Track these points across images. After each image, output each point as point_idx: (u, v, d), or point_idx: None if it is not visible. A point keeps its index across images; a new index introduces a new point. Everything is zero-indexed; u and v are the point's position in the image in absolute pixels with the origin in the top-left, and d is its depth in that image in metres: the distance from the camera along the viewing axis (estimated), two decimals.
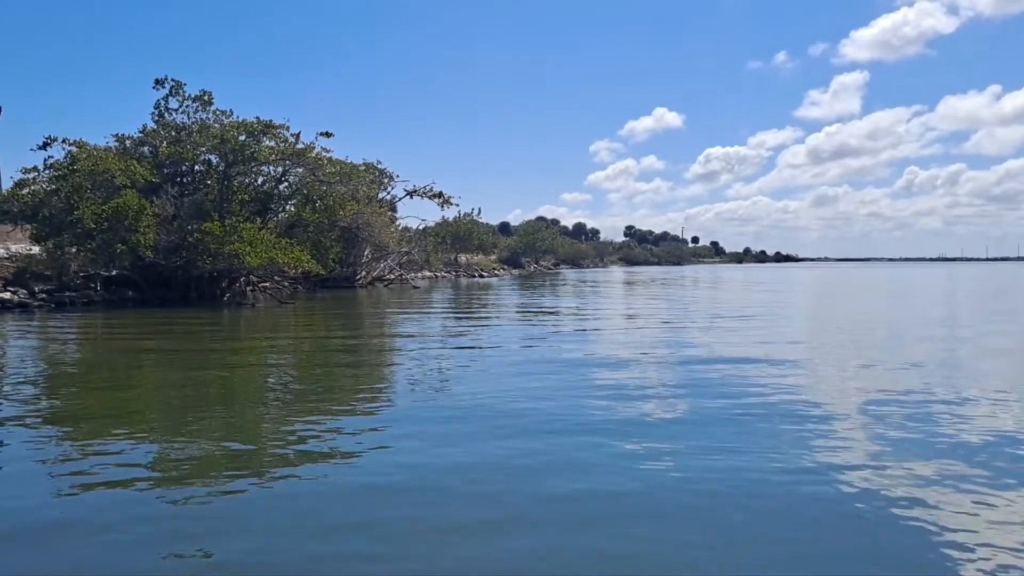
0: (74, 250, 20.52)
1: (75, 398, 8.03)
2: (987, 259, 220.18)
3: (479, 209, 67.18)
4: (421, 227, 43.34)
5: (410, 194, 37.26)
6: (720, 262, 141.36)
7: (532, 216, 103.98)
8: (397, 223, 44.19)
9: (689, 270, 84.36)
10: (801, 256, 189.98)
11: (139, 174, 21.50)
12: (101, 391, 8.45)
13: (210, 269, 21.67)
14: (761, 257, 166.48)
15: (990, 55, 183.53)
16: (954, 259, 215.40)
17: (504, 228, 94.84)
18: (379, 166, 36.16)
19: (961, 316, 20.08)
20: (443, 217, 56.68)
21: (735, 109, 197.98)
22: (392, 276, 36.13)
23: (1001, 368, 10.19)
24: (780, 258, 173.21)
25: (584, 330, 15.58)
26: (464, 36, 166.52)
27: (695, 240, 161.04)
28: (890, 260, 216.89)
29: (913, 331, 15.00)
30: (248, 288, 25.81)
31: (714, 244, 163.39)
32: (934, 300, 27.92)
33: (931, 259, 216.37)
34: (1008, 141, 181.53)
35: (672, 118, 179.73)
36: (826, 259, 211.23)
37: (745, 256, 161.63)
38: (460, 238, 58.19)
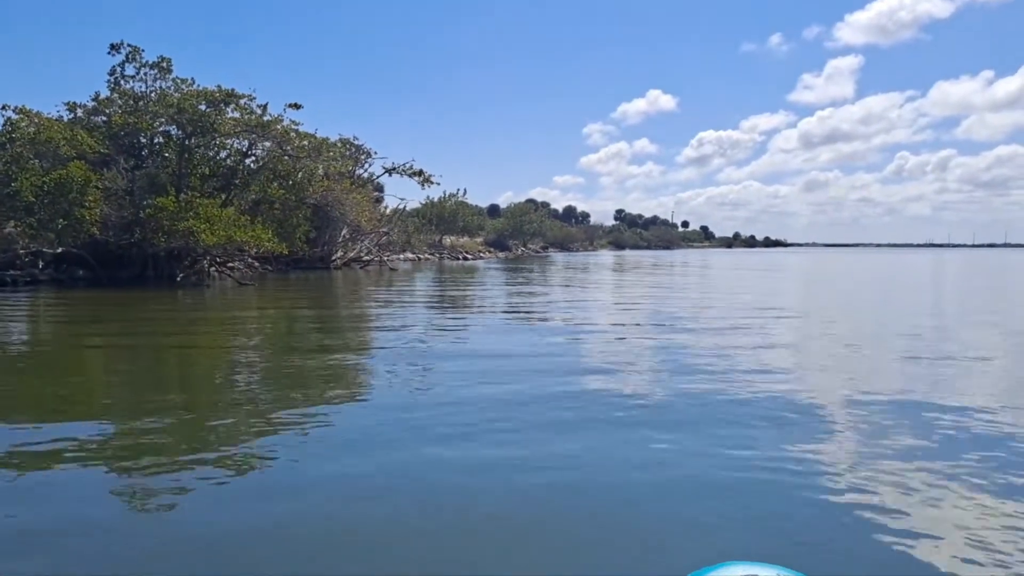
0: (13, 225, 18.97)
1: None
2: (974, 245, 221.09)
3: (464, 190, 65.31)
4: (401, 206, 41.85)
5: (388, 172, 35.80)
6: (710, 247, 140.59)
7: (523, 199, 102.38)
8: (384, 203, 42.82)
9: (678, 255, 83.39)
10: (790, 241, 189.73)
11: (86, 144, 19.90)
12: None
13: (165, 248, 20.18)
14: (750, 242, 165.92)
15: (984, 40, 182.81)
16: (941, 245, 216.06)
17: (494, 210, 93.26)
18: (356, 142, 34.60)
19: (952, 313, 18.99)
20: (428, 198, 55.26)
21: (728, 92, 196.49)
22: (369, 257, 34.68)
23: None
24: (769, 243, 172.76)
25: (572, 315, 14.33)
26: (453, 13, 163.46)
27: (685, 224, 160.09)
28: (878, 246, 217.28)
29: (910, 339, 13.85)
30: (212, 268, 24.36)
31: (704, 229, 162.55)
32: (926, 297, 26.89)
33: (919, 245, 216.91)
34: (999, 127, 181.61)
35: (666, 101, 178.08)
36: (814, 244, 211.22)
37: (735, 241, 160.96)
38: (445, 219, 56.75)
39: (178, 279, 19.98)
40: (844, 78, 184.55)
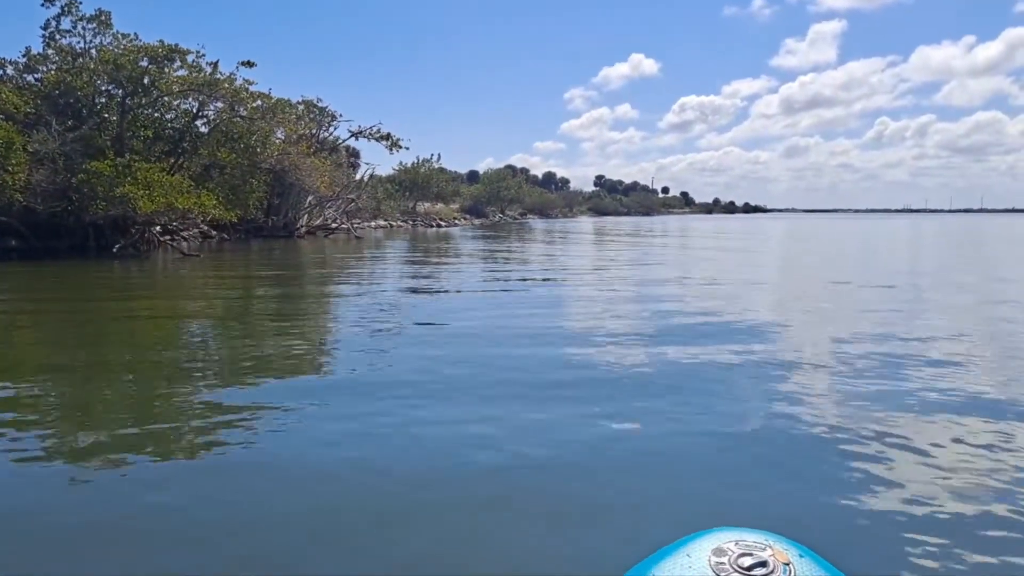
0: None
1: None
2: (950, 211, 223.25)
3: (438, 155, 63.76)
4: (368, 172, 40.38)
5: (355, 135, 34.30)
6: (689, 212, 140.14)
7: (504, 165, 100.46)
8: (362, 169, 41.45)
9: (658, 221, 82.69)
10: (769, 207, 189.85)
11: (11, 103, 18.31)
12: None
13: (103, 216, 18.77)
14: (730, 208, 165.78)
15: (966, 5, 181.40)
16: (919, 211, 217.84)
17: (474, 176, 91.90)
18: (319, 104, 32.95)
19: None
20: (401, 163, 53.77)
21: (711, 57, 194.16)
22: (335, 225, 33.34)
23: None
24: (749, 209, 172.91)
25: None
26: None
27: (665, 190, 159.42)
28: (856, 212, 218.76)
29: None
30: (166, 238, 22.99)
31: (684, 195, 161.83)
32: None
33: (896, 210, 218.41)
34: (978, 92, 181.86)
35: (648, 65, 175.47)
36: (793, 210, 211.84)
37: (714, 207, 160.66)
38: (419, 185, 55.21)
39: (115, 250, 18.61)
40: (827, 43, 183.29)
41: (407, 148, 35.50)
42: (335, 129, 34.46)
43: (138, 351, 7.29)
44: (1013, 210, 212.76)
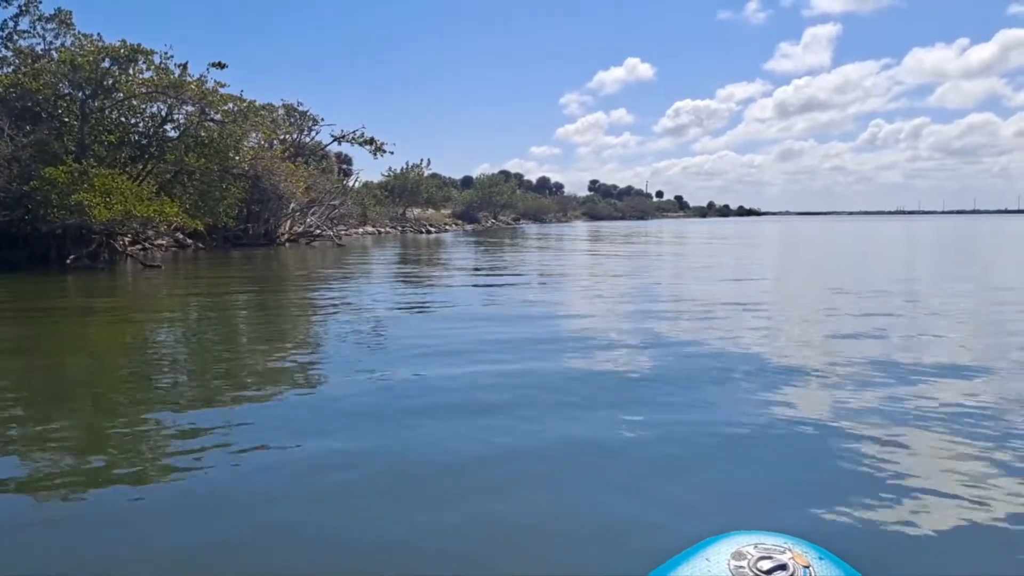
0: None
1: None
2: (943, 212, 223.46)
3: (427, 160, 62.49)
4: (355, 178, 39.36)
5: (337, 140, 33.22)
6: (684, 216, 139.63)
7: (499, 171, 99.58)
8: (355, 175, 40.63)
9: (652, 225, 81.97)
10: (763, 210, 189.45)
11: None
12: None
13: (60, 225, 17.58)
14: (724, 211, 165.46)
15: (960, 7, 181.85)
16: (912, 212, 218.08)
17: (468, 182, 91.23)
18: (300, 108, 31.86)
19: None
20: (391, 169, 52.96)
21: (705, 61, 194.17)
22: (318, 232, 32.18)
23: None
24: (743, 212, 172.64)
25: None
26: None
27: (659, 194, 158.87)
28: (850, 214, 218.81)
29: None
30: (135, 247, 21.81)
31: (678, 198, 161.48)
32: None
33: (890, 212, 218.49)
34: (972, 94, 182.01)
35: (644, 69, 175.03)
36: (787, 213, 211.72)
37: (708, 211, 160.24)
38: (408, 191, 54.18)
39: (68, 262, 17.40)
40: (821, 46, 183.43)
41: (391, 152, 34.54)
42: (316, 134, 33.37)
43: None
44: (1005, 211, 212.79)
